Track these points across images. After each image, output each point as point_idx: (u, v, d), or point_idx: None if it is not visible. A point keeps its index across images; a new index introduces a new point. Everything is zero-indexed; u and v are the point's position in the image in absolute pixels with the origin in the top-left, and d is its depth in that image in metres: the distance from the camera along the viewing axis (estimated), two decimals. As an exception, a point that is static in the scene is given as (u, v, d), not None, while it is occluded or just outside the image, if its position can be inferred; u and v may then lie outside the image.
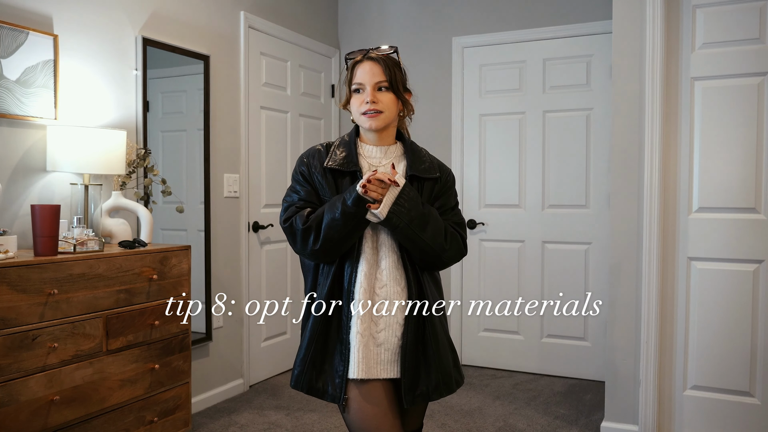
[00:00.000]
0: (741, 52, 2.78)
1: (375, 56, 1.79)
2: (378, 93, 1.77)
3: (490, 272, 4.23)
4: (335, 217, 1.69)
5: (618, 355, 2.99)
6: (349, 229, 1.70)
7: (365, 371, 1.71)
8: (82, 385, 2.32)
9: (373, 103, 1.75)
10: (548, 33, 4.00)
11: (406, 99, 1.84)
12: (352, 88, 1.80)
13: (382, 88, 1.77)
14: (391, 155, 1.84)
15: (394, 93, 1.79)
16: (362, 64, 1.79)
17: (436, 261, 1.79)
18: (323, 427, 3.17)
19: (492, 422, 3.25)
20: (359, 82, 1.78)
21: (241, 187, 3.69)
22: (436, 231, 1.74)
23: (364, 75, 1.77)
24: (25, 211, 2.54)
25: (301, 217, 1.75)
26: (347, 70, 1.84)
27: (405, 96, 1.83)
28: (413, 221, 1.70)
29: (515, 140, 4.14)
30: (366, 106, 1.76)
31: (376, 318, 1.74)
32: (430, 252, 1.75)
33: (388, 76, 1.77)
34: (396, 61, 1.81)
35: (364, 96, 1.76)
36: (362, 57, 1.80)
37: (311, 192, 1.80)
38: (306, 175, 1.81)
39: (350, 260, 1.75)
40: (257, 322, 3.84)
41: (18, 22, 2.48)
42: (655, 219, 2.87)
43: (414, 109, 1.89)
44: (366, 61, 1.79)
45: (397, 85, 1.79)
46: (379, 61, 1.78)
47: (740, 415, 2.83)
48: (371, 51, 1.81)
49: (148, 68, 3.06)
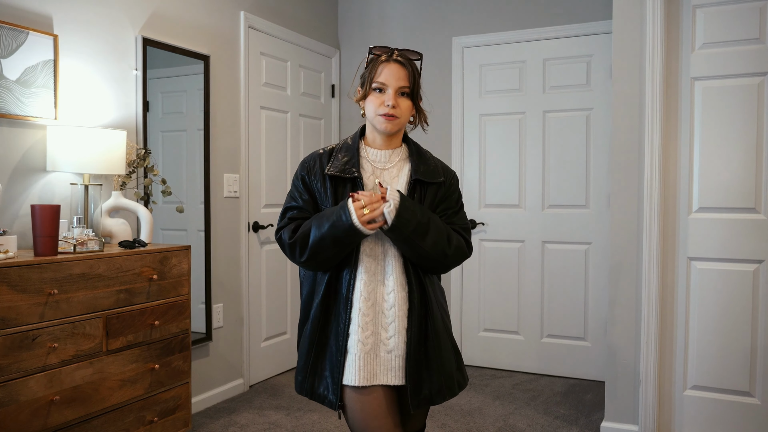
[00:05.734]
0: (741, 52, 2.78)
1: (403, 60, 1.76)
2: (399, 98, 1.75)
3: (490, 272, 4.23)
4: (323, 236, 1.68)
5: (618, 355, 2.99)
6: (337, 249, 1.70)
7: (367, 378, 1.70)
8: (82, 385, 2.32)
9: (394, 108, 1.74)
10: (548, 33, 4.00)
11: (421, 108, 1.83)
12: (373, 86, 1.76)
13: (404, 93, 1.76)
14: (396, 158, 1.83)
15: (411, 100, 1.78)
16: (389, 65, 1.76)
17: (437, 266, 1.79)
18: (323, 427, 3.17)
19: (492, 422, 3.25)
20: (383, 82, 1.75)
21: (241, 187, 3.69)
22: (437, 237, 1.73)
23: (390, 77, 1.74)
24: (25, 211, 2.54)
25: (289, 230, 1.76)
26: (368, 63, 1.80)
27: (420, 105, 1.82)
28: (414, 231, 1.69)
29: (515, 140, 4.14)
30: (386, 109, 1.74)
31: (386, 324, 1.73)
32: (431, 258, 1.74)
33: (411, 83, 1.76)
34: (418, 69, 1.80)
35: (386, 98, 1.74)
36: (388, 57, 1.77)
37: (308, 200, 1.80)
38: (306, 182, 1.81)
39: (348, 267, 1.74)
40: (258, 322, 3.84)
41: (18, 22, 2.48)
42: (655, 219, 2.87)
43: (427, 122, 1.88)
44: (393, 63, 1.76)
45: (417, 92, 1.78)
46: (406, 65, 1.76)
47: (740, 415, 2.83)
48: (396, 51, 1.78)
49: (148, 68, 3.06)
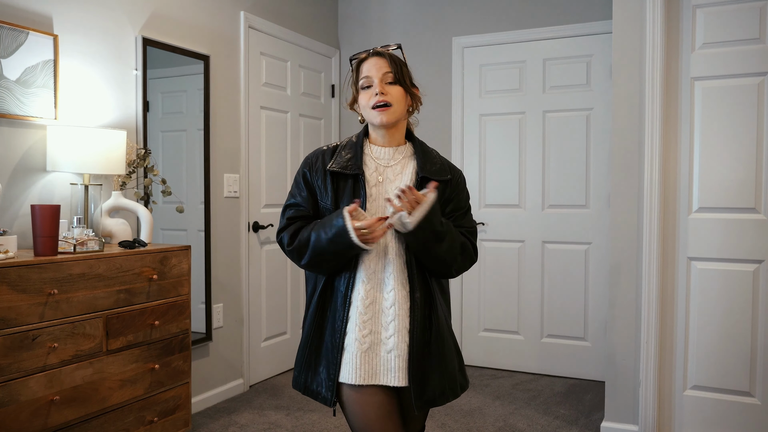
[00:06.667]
0: (741, 52, 2.78)
1: (381, 51, 1.78)
2: (387, 86, 1.74)
3: (490, 272, 4.23)
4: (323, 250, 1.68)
5: (618, 355, 2.99)
6: (337, 260, 1.71)
7: (364, 377, 1.68)
8: (82, 385, 2.32)
9: (383, 94, 1.73)
10: (548, 33, 4.00)
11: (414, 92, 1.81)
12: (360, 84, 1.77)
13: (391, 81, 1.75)
14: (399, 155, 1.81)
15: (402, 86, 1.77)
16: (367, 60, 1.78)
17: (446, 271, 1.78)
18: (323, 427, 3.17)
19: (492, 422, 3.25)
20: (366, 76, 1.76)
21: (241, 187, 3.69)
22: (450, 247, 1.73)
23: (371, 68, 1.76)
24: (25, 211, 2.54)
25: (289, 233, 1.76)
26: (352, 71, 1.82)
27: (413, 90, 1.80)
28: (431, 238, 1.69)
29: (515, 140, 4.14)
30: (375, 98, 1.73)
31: (386, 324, 1.71)
32: (442, 262, 1.74)
33: (394, 69, 1.75)
34: (400, 58, 1.80)
35: (373, 89, 1.74)
36: (367, 55, 1.79)
37: (307, 197, 1.79)
38: (307, 179, 1.80)
39: (348, 265, 1.73)
40: (258, 322, 3.84)
41: (18, 22, 2.48)
42: (655, 219, 2.87)
43: (422, 102, 1.86)
44: (371, 57, 1.78)
45: (404, 78, 1.77)
46: (384, 55, 1.77)
47: (740, 415, 2.83)
48: (374, 48, 1.81)
49: (148, 68, 3.06)
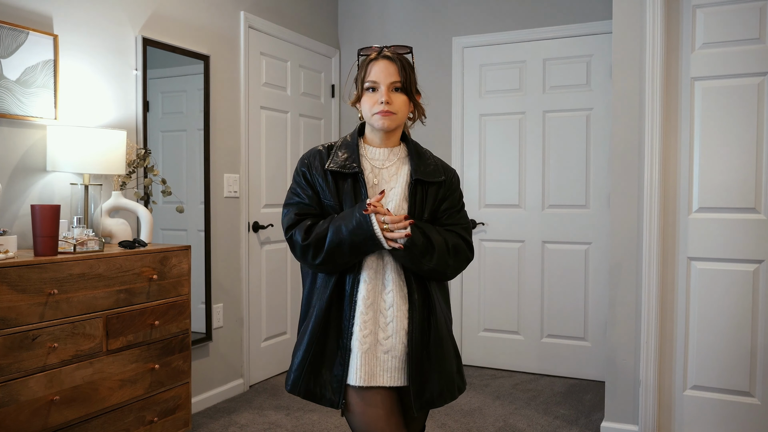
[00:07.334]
0: (741, 52, 2.78)
1: (391, 55, 1.74)
2: (392, 94, 1.72)
3: (490, 272, 4.23)
4: (342, 242, 1.66)
5: (618, 355, 2.99)
6: (353, 256, 1.69)
7: (366, 379, 1.68)
8: (82, 385, 2.32)
9: (388, 104, 1.71)
10: (548, 33, 4.00)
11: (418, 102, 1.80)
12: (365, 86, 1.75)
13: (397, 88, 1.73)
14: (394, 157, 1.80)
15: (406, 95, 1.75)
16: (377, 62, 1.74)
17: (440, 277, 1.77)
18: (323, 427, 3.17)
19: (492, 422, 3.25)
20: (374, 81, 1.73)
21: (241, 187, 3.69)
22: (440, 255, 1.72)
23: (380, 74, 1.72)
24: (25, 211, 2.54)
25: (302, 230, 1.72)
26: (359, 66, 1.78)
27: (417, 98, 1.79)
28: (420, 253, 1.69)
29: (515, 140, 4.14)
30: (380, 107, 1.71)
31: (384, 325, 1.71)
32: (433, 271, 1.73)
33: (403, 77, 1.73)
34: (410, 62, 1.77)
35: (378, 96, 1.72)
36: (377, 55, 1.75)
37: (312, 195, 1.77)
38: (307, 177, 1.78)
39: (352, 267, 1.73)
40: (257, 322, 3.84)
41: (18, 22, 2.48)
42: (655, 219, 2.87)
43: (425, 114, 1.85)
44: (381, 60, 1.74)
45: (410, 86, 1.75)
46: (395, 60, 1.73)
47: (740, 415, 2.83)
48: (386, 49, 1.76)
49: (148, 68, 3.06)
